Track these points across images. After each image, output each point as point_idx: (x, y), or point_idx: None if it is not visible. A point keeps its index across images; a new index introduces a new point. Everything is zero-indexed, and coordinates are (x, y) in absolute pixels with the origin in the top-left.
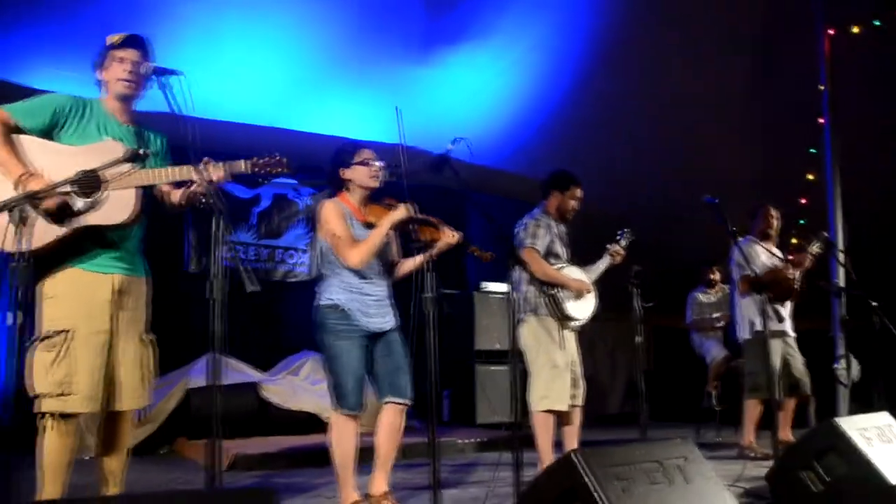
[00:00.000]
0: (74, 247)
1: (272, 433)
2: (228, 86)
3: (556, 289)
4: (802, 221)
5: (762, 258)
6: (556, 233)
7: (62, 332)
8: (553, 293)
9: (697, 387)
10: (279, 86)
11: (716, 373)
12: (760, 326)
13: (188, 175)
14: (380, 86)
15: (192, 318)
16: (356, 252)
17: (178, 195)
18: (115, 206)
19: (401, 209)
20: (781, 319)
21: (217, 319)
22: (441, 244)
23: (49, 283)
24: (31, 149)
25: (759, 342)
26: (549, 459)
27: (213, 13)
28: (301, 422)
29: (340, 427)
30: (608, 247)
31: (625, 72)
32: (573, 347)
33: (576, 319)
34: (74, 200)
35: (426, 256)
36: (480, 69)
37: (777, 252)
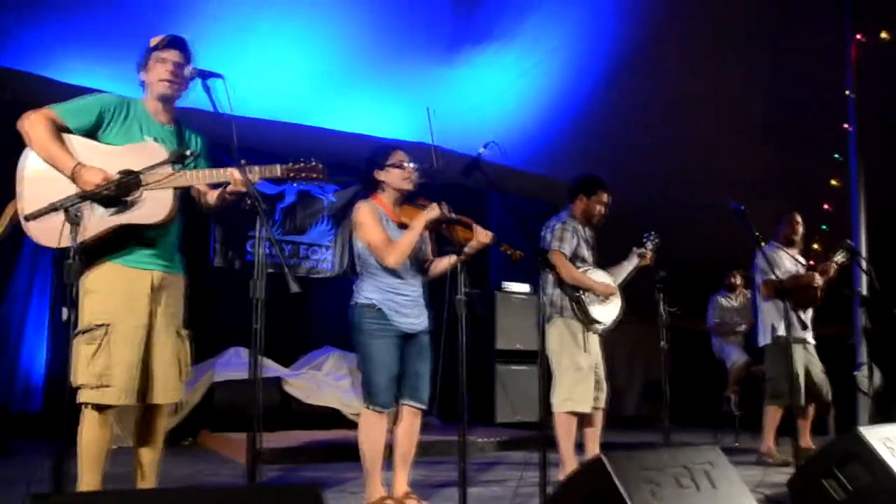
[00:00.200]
0: (114, 243)
1: (295, 427)
2: (258, 83)
3: (582, 292)
4: (825, 227)
5: (787, 264)
6: (583, 236)
7: (102, 326)
8: (578, 296)
9: (715, 391)
10: (307, 84)
11: (736, 378)
12: (781, 331)
13: (225, 177)
14: (406, 85)
15: (217, 313)
16: (392, 253)
17: (214, 196)
18: (153, 205)
19: (433, 209)
20: (805, 327)
21: (259, 319)
22: (474, 244)
23: (91, 278)
24: (75, 148)
25: (780, 348)
26: (571, 461)
27: (244, 12)
28: (323, 417)
29: (370, 424)
30: (635, 249)
31: (649, 73)
32: (597, 350)
33: (601, 323)
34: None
35: (460, 257)
36: (505, 69)
37: (801, 259)
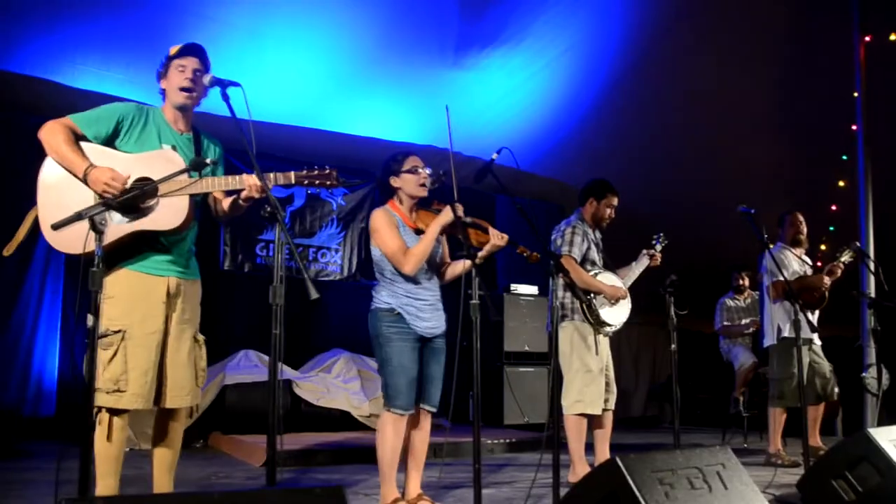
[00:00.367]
0: (130, 250)
1: (305, 430)
2: (268, 87)
3: (592, 295)
4: (832, 228)
5: (794, 265)
6: (593, 239)
7: (118, 332)
8: (589, 299)
9: (723, 392)
10: (317, 87)
11: (744, 379)
12: (787, 333)
13: (240, 184)
14: (415, 88)
15: (227, 315)
16: (408, 261)
17: (228, 203)
18: (168, 212)
19: (446, 211)
20: (815, 329)
21: (279, 324)
22: (489, 246)
23: (107, 285)
24: (92, 155)
25: (785, 348)
26: (581, 462)
27: (255, 17)
28: (333, 419)
29: (390, 426)
30: (645, 251)
31: (656, 76)
32: (607, 352)
33: (610, 325)
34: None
35: (475, 260)
36: (513, 72)
37: (807, 259)
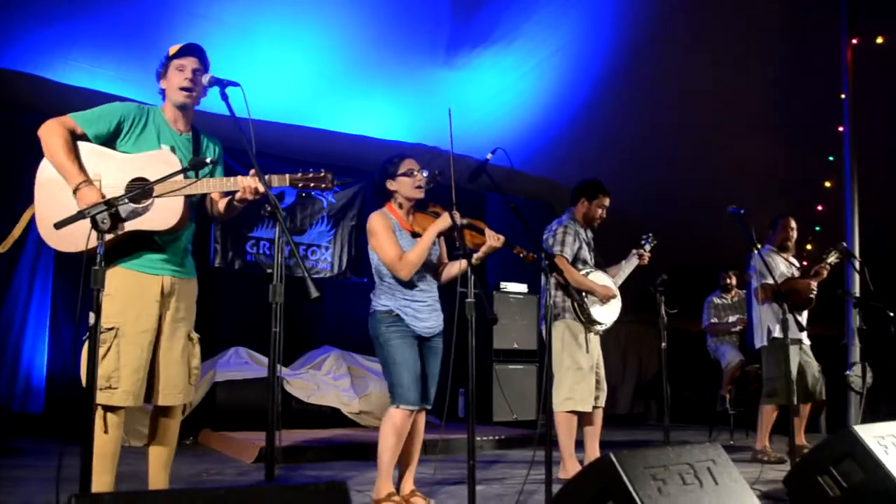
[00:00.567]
0: (124, 249)
1: (295, 427)
2: (260, 86)
3: (583, 294)
4: (818, 228)
5: (781, 268)
6: (584, 239)
7: (111, 329)
8: (581, 298)
9: (710, 390)
10: (308, 86)
11: (730, 377)
12: (777, 333)
13: (233, 186)
14: (406, 87)
15: (217, 313)
16: (403, 267)
17: (224, 203)
18: (163, 213)
19: (444, 218)
20: (803, 329)
21: (279, 322)
22: (485, 248)
23: (93, 282)
24: (90, 156)
25: (776, 348)
26: (571, 459)
27: (247, 15)
28: (324, 416)
29: (397, 422)
30: (634, 251)
31: (647, 76)
32: (597, 350)
33: (601, 324)
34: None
35: (471, 261)
36: (504, 72)
37: (795, 262)
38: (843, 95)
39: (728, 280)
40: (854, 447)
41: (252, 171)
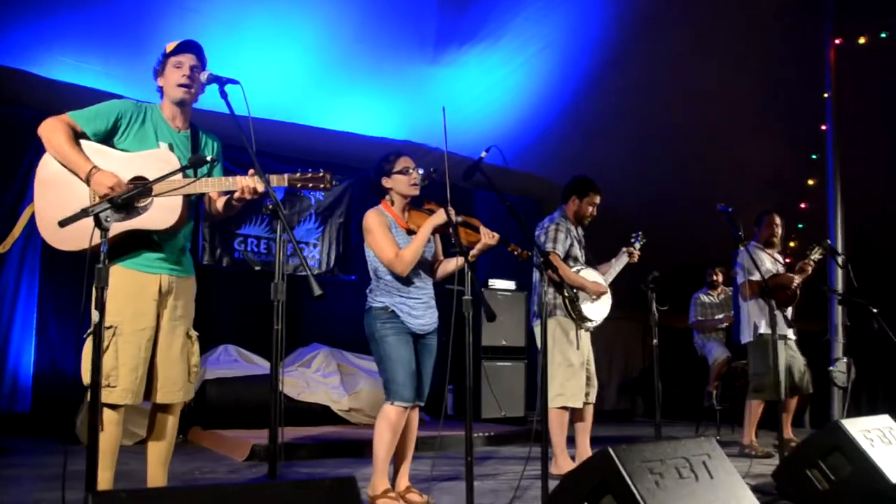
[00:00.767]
0: (123, 247)
1: (286, 424)
2: (247, 82)
3: (574, 291)
4: (801, 226)
5: (766, 264)
6: (575, 236)
7: (110, 328)
8: (571, 295)
9: (697, 386)
10: (296, 82)
11: (717, 373)
12: (763, 329)
13: (231, 186)
14: (394, 84)
15: (206, 310)
16: (399, 263)
17: (222, 202)
18: (162, 212)
19: (439, 214)
20: (790, 325)
21: (281, 319)
22: (480, 245)
23: (95, 280)
24: (89, 154)
25: (762, 344)
26: (563, 454)
27: (234, 10)
28: (314, 413)
29: (392, 418)
30: (624, 249)
31: (633, 74)
32: (588, 347)
33: (592, 320)
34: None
35: (467, 258)
36: (491, 69)
37: (780, 258)
38: (826, 94)
39: (714, 277)
40: (841, 441)
41: (251, 171)
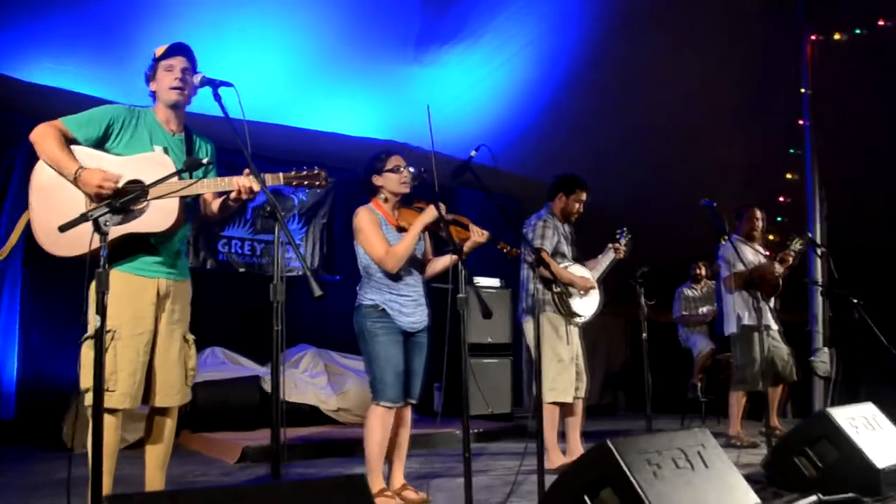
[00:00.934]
0: (119, 251)
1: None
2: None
3: (563, 286)
4: (780, 219)
5: (748, 256)
6: (563, 233)
7: (108, 332)
8: (560, 291)
9: (681, 379)
10: (279, 83)
11: (701, 365)
12: (747, 321)
13: (228, 187)
14: (376, 83)
15: (191, 313)
16: (390, 259)
17: (218, 204)
18: (159, 214)
19: (430, 211)
20: (775, 315)
21: (280, 320)
22: (470, 243)
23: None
24: (83, 158)
25: (746, 335)
26: (555, 449)
27: (216, 12)
28: (302, 414)
29: (379, 419)
30: (610, 245)
31: (613, 73)
32: (577, 342)
33: (581, 316)
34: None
35: (459, 256)
36: (472, 68)
37: (761, 250)
38: (804, 90)
39: (698, 271)
40: (828, 429)
41: (246, 171)
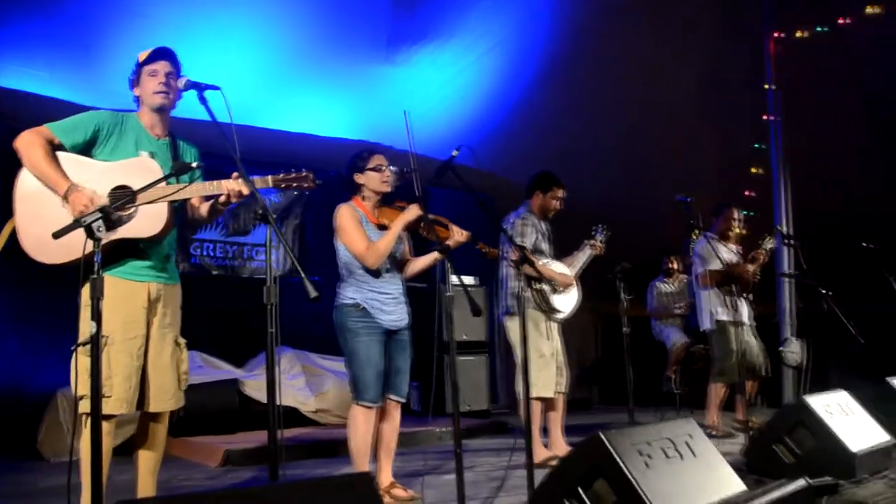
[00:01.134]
0: (109, 257)
1: (255, 428)
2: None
3: (543, 283)
4: (746, 213)
5: (723, 254)
6: (541, 230)
7: (101, 338)
8: (540, 287)
9: (654, 372)
10: (249, 84)
11: (676, 358)
12: (721, 316)
13: (217, 190)
14: (347, 84)
15: None
16: (371, 255)
17: (206, 208)
18: (148, 219)
19: (412, 210)
20: (750, 310)
21: (274, 322)
22: (450, 242)
23: (89, 292)
24: (70, 165)
25: (722, 330)
26: (538, 444)
27: (184, 14)
28: (282, 416)
29: (360, 418)
30: (587, 242)
31: (583, 69)
32: (557, 338)
33: (561, 312)
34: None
35: (442, 254)
36: (443, 67)
37: (735, 248)
38: (768, 86)
39: (670, 265)
40: (805, 416)
41: (235, 174)
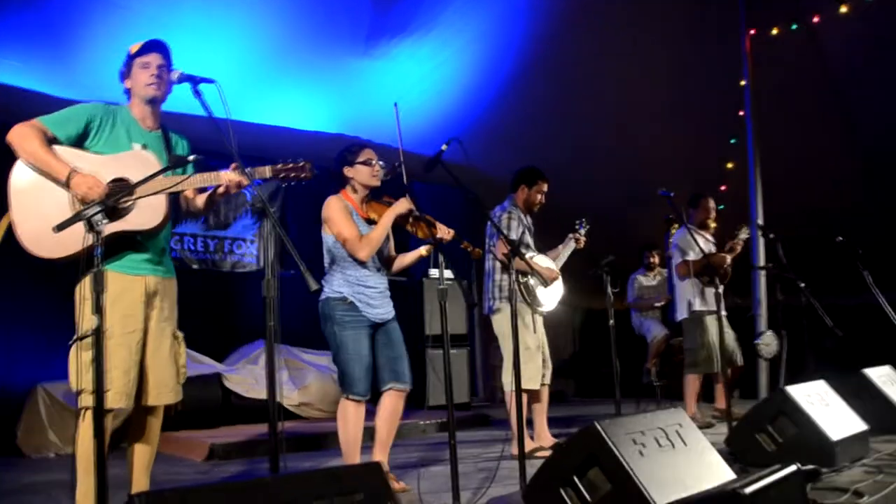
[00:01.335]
0: (107, 250)
1: (238, 422)
2: None
3: (528, 277)
4: (721, 207)
5: (701, 243)
6: (526, 224)
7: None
8: (525, 281)
9: (634, 364)
10: (227, 78)
11: (656, 350)
12: (697, 306)
13: (216, 181)
14: (326, 77)
15: None
16: (364, 247)
17: (203, 200)
18: (147, 212)
19: (403, 202)
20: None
21: (273, 316)
22: (439, 237)
23: (87, 285)
24: (68, 159)
25: (696, 321)
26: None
27: (163, 5)
28: (264, 410)
29: (349, 412)
30: (570, 235)
31: (560, 64)
32: (542, 330)
33: (545, 305)
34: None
35: (423, 252)
36: (422, 61)
37: (711, 239)
38: (743, 82)
39: (651, 259)
40: (786, 405)
41: (234, 165)
